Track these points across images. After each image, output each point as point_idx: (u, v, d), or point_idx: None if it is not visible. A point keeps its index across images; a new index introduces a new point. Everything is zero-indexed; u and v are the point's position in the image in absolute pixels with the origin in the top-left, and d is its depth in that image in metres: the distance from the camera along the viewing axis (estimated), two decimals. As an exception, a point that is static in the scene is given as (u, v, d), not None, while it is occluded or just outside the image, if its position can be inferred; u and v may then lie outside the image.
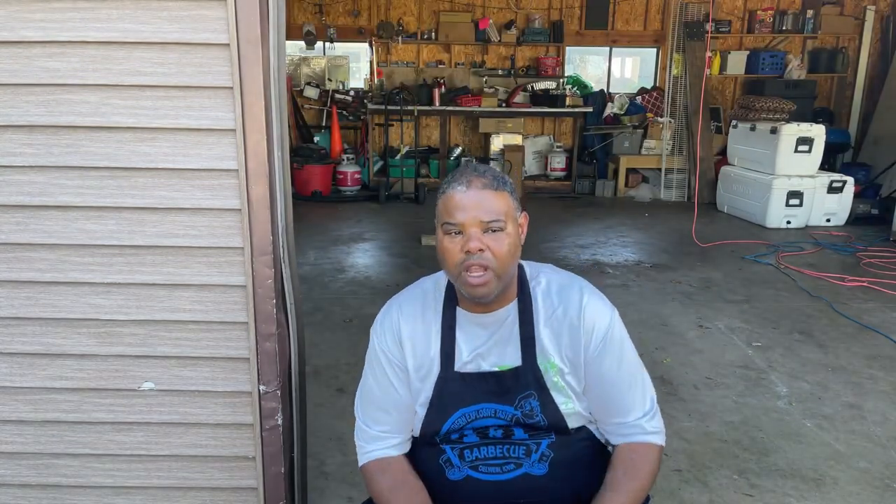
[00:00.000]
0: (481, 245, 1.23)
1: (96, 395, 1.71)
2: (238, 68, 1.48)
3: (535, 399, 1.29)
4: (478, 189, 1.24)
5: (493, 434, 1.31)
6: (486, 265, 1.23)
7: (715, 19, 7.82)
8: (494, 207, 1.24)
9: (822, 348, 3.54)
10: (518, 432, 1.30)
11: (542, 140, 8.22)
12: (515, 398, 1.29)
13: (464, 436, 1.31)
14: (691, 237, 5.63)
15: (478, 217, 1.23)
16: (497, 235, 1.24)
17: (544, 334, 1.31)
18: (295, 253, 1.73)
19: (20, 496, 1.79)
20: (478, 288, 1.24)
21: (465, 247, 1.23)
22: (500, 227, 1.24)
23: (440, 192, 1.30)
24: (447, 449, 1.32)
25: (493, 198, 1.25)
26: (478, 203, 1.23)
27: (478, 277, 1.23)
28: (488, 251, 1.23)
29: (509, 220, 1.26)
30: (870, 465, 2.48)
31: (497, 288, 1.26)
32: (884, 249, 5.47)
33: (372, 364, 1.39)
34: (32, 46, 1.49)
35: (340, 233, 5.87)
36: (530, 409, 1.29)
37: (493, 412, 1.30)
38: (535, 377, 1.30)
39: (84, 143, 1.54)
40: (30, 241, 1.60)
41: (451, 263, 1.26)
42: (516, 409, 1.29)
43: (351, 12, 8.01)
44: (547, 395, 1.29)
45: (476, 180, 1.25)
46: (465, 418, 1.31)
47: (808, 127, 6.20)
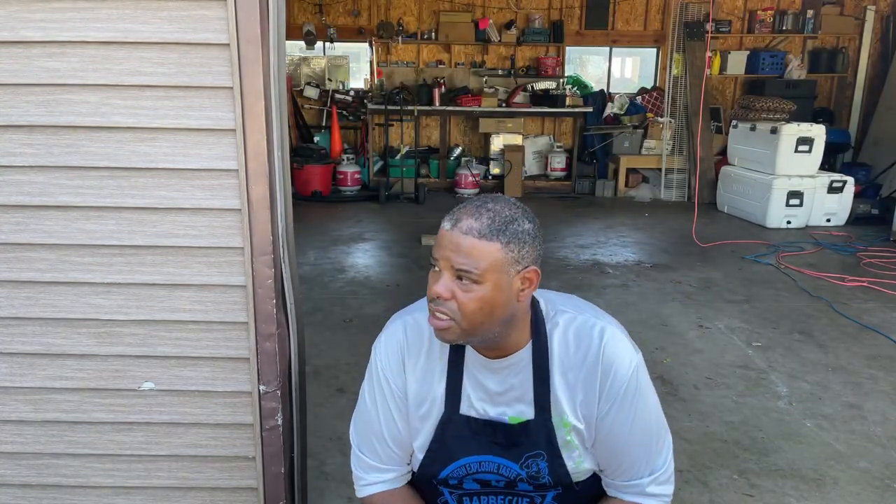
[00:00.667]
0: (445, 292, 1.11)
1: (96, 395, 1.71)
2: (238, 68, 1.48)
3: (543, 460, 1.20)
4: (460, 232, 1.11)
5: (495, 484, 1.24)
6: (449, 314, 1.11)
7: (715, 19, 7.82)
8: (472, 256, 1.09)
9: (823, 348, 3.54)
10: (522, 484, 1.23)
11: (542, 140, 8.22)
12: (522, 455, 1.20)
13: (463, 482, 1.25)
14: (691, 237, 5.63)
15: (450, 259, 1.11)
16: (467, 287, 1.10)
17: (559, 386, 1.20)
18: (295, 253, 1.73)
19: (20, 496, 1.79)
20: (437, 332, 1.14)
21: (430, 290, 1.13)
22: (472, 279, 1.09)
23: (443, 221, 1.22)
24: (445, 492, 1.26)
25: (476, 246, 1.09)
26: (455, 246, 1.10)
27: (438, 321, 1.13)
28: (454, 301, 1.11)
29: (491, 274, 1.10)
30: (870, 466, 2.48)
31: (463, 338, 1.14)
32: (884, 249, 5.47)
33: (372, 385, 1.29)
34: (32, 46, 1.49)
35: (340, 233, 5.87)
36: (537, 471, 1.20)
37: (497, 467, 1.22)
38: (547, 435, 1.19)
39: (84, 143, 1.54)
40: (30, 241, 1.60)
41: (427, 298, 1.16)
42: (521, 467, 1.20)
43: (351, 12, 8.01)
44: (556, 455, 1.20)
45: (466, 221, 1.11)
46: (465, 469, 1.22)
47: (809, 127, 6.20)
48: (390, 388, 1.25)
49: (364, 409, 1.30)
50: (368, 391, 1.30)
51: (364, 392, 1.31)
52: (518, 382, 1.20)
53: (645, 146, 7.71)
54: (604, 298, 4.25)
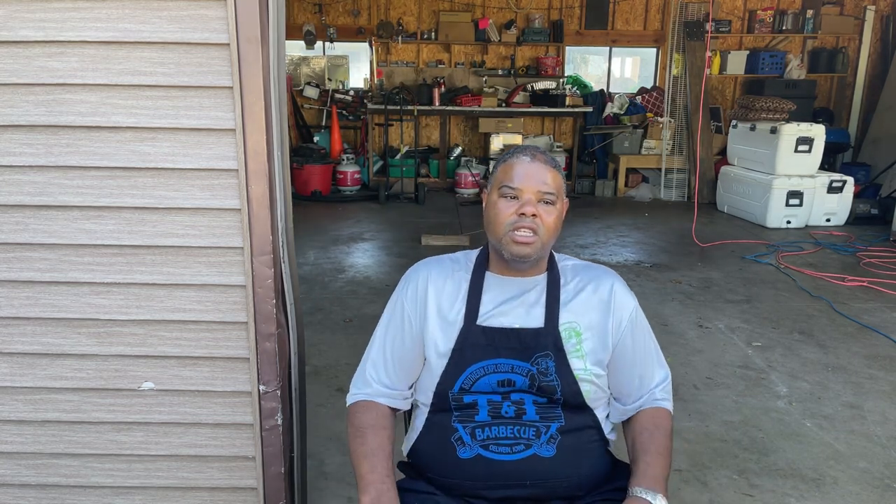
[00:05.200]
0: (535, 211, 1.32)
1: (96, 394, 1.71)
2: (238, 68, 1.48)
3: (551, 360, 1.34)
4: (541, 163, 1.36)
5: (504, 411, 1.35)
6: (535, 229, 1.32)
7: (715, 19, 7.82)
8: (551, 182, 1.35)
9: (822, 348, 3.54)
10: (530, 412, 1.34)
11: (542, 140, 8.22)
12: (533, 356, 1.34)
13: (476, 411, 1.35)
14: (691, 237, 5.63)
15: (537, 187, 1.33)
16: (549, 208, 1.34)
17: (571, 303, 1.39)
18: (295, 253, 1.73)
19: (20, 496, 1.79)
20: (523, 246, 1.32)
21: (520, 210, 1.32)
22: (552, 200, 1.34)
23: (502, 160, 1.41)
24: (459, 427, 1.35)
25: (552, 174, 1.36)
26: (539, 174, 1.34)
27: (525, 236, 1.32)
28: (539, 219, 1.33)
29: (560, 198, 1.37)
30: (870, 465, 2.48)
31: (538, 253, 1.34)
32: (884, 249, 5.47)
33: (390, 311, 1.46)
34: (32, 46, 1.49)
35: (340, 233, 5.87)
36: (546, 368, 1.34)
37: (511, 367, 1.35)
38: (555, 341, 1.35)
39: (84, 142, 1.54)
40: (29, 241, 1.60)
41: (500, 223, 1.34)
42: (532, 364, 1.34)
43: (351, 12, 8.01)
44: (563, 358, 1.35)
45: (540, 155, 1.38)
46: (482, 370, 1.35)
47: (808, 127, 6.20)
48: (404, 311, 1.42)
49: (379, 329, 1.46)
50: (387, 314, 1.46)
51: (383, 317, 1.46)
52: (533, 298, 1.39)
53: (645, 146, 7.71)
54: (604, 298, 4.24)
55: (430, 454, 1.39)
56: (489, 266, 1.42)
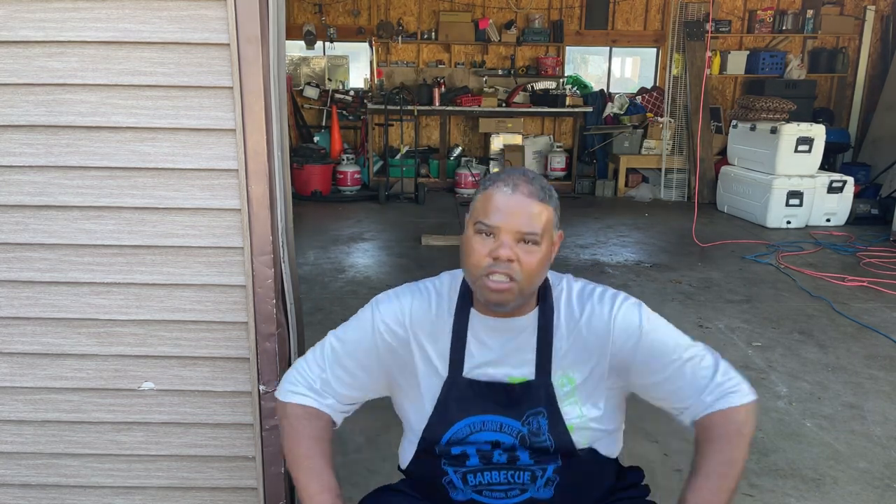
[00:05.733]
0: (512, 255, 1.15)
1: (96, 395, 1.70)
2: (238, 68, 1.48)
3: (543, 417, 1.23)
4: (523, 196, 1.17)
5: (497, 459, 1.25)
6: (512, 276, 1.16)
7: (715, 19, 7.82)
8: (535, 219, 1.17)
9: (822, 348, 3.54)
10: (523, 457, 1.25)
11: (542, 140, 8.22)
12: (524, 413, 1.23)
13: (466, 457, 1.26)
14: (691, 237, 5.63)
15: (516, 225, 1.16)
16: (530, 249, 1.17)
17: (564, 345, 1.25)
18: (295, 253, 1.73)
19: (20, 496, 1.79)
20: (496, 294, 1.17)
21: (495, 252, 1.16)
22: (535, 240, 1.17)
23: (481, 187, 1.22)
24: (450, 471, 1.27)
25: (537, 209, 1.17)
26: (520, 210, 1.16)
27: (499, 283, 1.16)
28: (517, 263, 1.16)
29: (545, 236, 1.19)
30: (870, 466, 2.48)
31: (516, 300, 1.19)
32: (884, 249, 5.47)
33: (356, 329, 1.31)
34: (32, 46, 1.49)
35: (340, 233, 5.87)
36: (537, 427, 1.23)
37: (499, 426, 1.24)
38: (547, 393, 1.23)
39: (84, 142, 1.54)
40: (29, 241, 1.60)
41: (474, 264, 1.18)
42: (524, 424, 1.23)
43: (351, 12, 8.01)
44: (556, 412, 1.23)
45: (524, 186, 1.18)
46: (469, 428, 1.25)
47: (808, 127, 6.20)
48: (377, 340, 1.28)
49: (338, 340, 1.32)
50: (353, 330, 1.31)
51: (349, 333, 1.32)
52: (523, 343, 1.25)
53: (645, 146, 7.71)
54: (604, 298, 4.25)
55: (422, 489, 1.33)
56: (474, 301, 1.27)
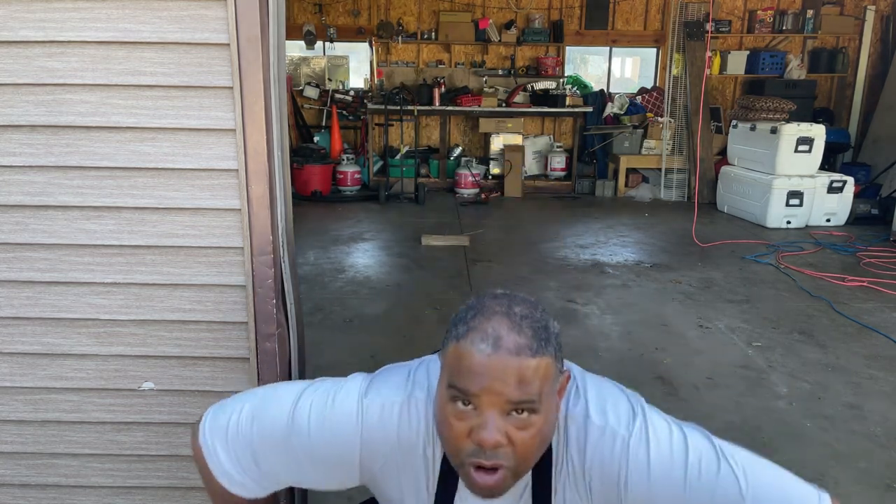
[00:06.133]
0: (501, 438, 0.86)
1: (96, 395, 1.70)
2: (238, 68, 1.48)
3: None
4: (509, 353, 0.86)
5: None
6: (502, 464, 0.88)
7: (715, 19, 7.82)
8: (529, 382, 0.86)
9: (823, 348, 3.54)
10: None
11: (542, 140, 8.22)
12: None
13: None
14: (691, 237, 5.63)
15: (503, 394, 0.85)
16: (526, 422, 0.87)
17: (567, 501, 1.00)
18: (295, 253, 1.73)
19: (20, 496, 1.79)
20: (484, 490, 0.90)
21: (477, 436, 0.87)
22: (532, 408, 0.87)
23: (453, 332, 0.91)
24: None
25: (530, 367, 0.86)
26: (505, 373, 0.85)
27: (487, 477, 0.88)
28: (509, 446, 0.88)
29: (546, 398, 0.88)
30: (870, 466, 2.48)
31: (510, 486, 0.92)
32: (884, 249, 5.47)
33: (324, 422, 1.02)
34: (32, 46, 1.49)
35: (340, 233, 5.87)
36: None
37: None
38: None
39: (84, 142, 1.54)
40: (30, 241, 1.60)
41: (452, 447, 0.90)
42: None
43: (351, 12, 8.01)
44: None
45: (509, 337, 0.86)
46: None
47: (808, 127, 6.21)
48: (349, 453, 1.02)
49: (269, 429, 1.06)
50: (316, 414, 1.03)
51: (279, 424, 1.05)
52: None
53: (645, 146, 7.71)
54: (604, 298, 4.25)
55: None
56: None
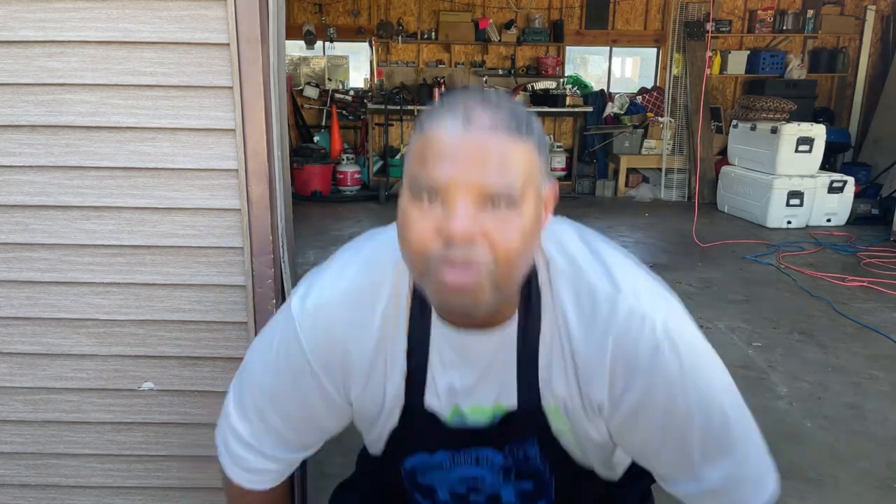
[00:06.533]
0: (473, 228, 0.71)
1: (96, 395, 1.70)
2: (238, 68, 1.48)
3: (533, 444, 0.89)
4: (484, 130, 0.71)
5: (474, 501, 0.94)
6: (477, 264, 0.72)
7: (715, 19, 7.82)
8: (508, 166, 0.71)
9: (823, 348, 3.54)
10: (507, 497, 0.93)
11: (543, 140, 8.21)
12: (505, 445, 0.90)
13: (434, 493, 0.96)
14: (692, 237, 5.63)
15: (477, 180, 0.70)
16: (505, 216, 0.72)
17: (556, 367, 0.86)
18: (295, 253, 1.73)
19: (19, 496, 1.79)
20: (457, 295, 0.74)
21: (446, 229, 0.71)
22: (512, 200, 0.72)
23: (418, 125, 0.76)
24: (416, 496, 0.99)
25: (510, 148, 0.72)
26: (479, 154, 0.70)
27: (459, 274, 0.72)
28: (485, 242, 0.72)
29: (529, 191, 0.74)
30: (870, 466, 2.48)
31: (490, 302, 0.76)
32: (884, 249, 5.47)
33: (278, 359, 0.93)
34: (32, 46, 1.49)
35: (340, 233, 5.87)
36: (524, 458, 0.90)
37: (475, 459, 0.91)
38: (537, 424, 0.88)
39: (84, 142, 1.54)
40: (29, 241, 1.60)
41: (415, 250, 0.74)
42: (507, 455, 0.90)
43: (351, 12, 8.01)
44: (552, 441, 0.89)
45: (484, 114, 0.72)
46: (438, 465, 0.93)
47: (809, 127, 6.20)
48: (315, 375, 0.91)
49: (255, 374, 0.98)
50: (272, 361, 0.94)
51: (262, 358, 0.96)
52: (503, 362, 0.87)
53: (645, 146, 7.71)
54: (604, 298, 4.24)
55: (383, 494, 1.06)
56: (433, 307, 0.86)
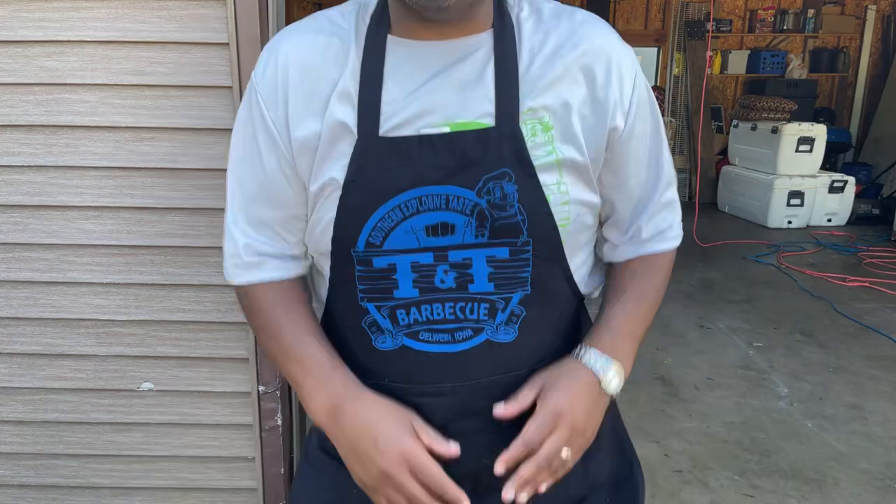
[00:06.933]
0: None
1: (95, 395, 1.70)
2: (237, 68, 1.47)
3: (510, 182, 0.82)
4: None
5: (440, 281, 0.85)
6: None
7: (716, 18, 7.82)
8: None
9: (824, 349, 3.54)
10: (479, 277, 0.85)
11: (543, 139, 8.22)
12: (481, 177, 0.81)
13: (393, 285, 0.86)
14: (692, 237, 5.63)
15: None
16: None
17: (536, 75, 0.82)
18: (294, 253, 1.72)
19: (19, 496, 1.79)
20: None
21: None
22: None
23: None
24: (371, 308, 0.88)
25: None
26: None
27: None
28: None
29: None
30: (871, 466, 2.48)
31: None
32: (885, 249, 5.47)
33: (245, 129, 0.88)
34: (31, 46, 1.48)
35: (341, 232, 5.87)
36: (502, 197, 0.82)
37: (444, 201, 0.82)
38: (515, 148, 0.81)
39: (83, 142, 1.53)
40: (28, 241, 1.59)
41: None
42: (480, 195, 0.82)
43: (351, 11, 8.01)
44: (530, 174, 0.82)
45: None
46: (400, 212, 0.82)
47: (810, 126, 6.20)
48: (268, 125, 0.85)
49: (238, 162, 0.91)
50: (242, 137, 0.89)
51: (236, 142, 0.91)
52: (471, 74, 0.82)
53: (645, 146, 7.70)
54: (604, 298, 4.25)
55: (339, 341, 0.93)
56: (391, 26, 0.83)
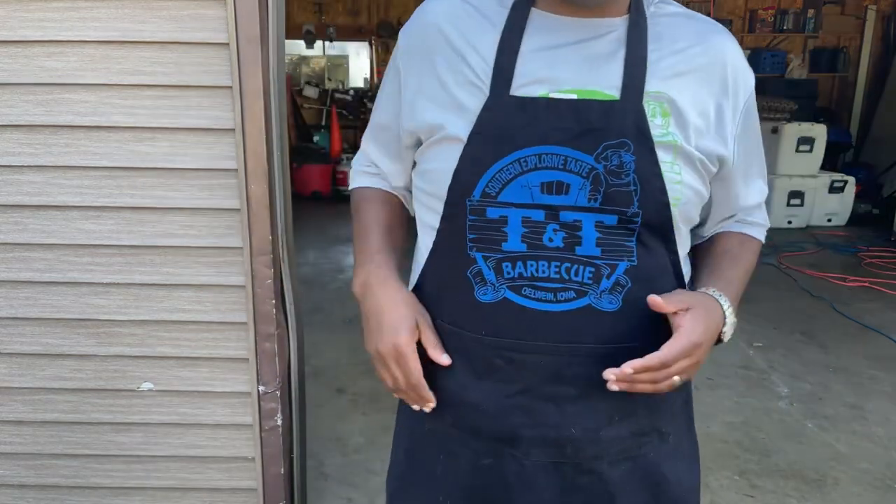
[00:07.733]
0: None
1: (95, 395, 1.70)
2: (237, 68, 1.47)
3: (628, 152, 0.84)
4: None
5: (548, 239, 0.87)
6: None
7: (716, 18, 7.81)
8: None
9: (824, 349, 3.54)
10: (588, 240, 0.87)
11: (543, 140, 8.21)
12: (600, 144, 0.84)
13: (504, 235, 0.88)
14: (692, 237, 5.62)
15: None
16: None
17: (664, 63, 0.88)
18: (295, 253, 1.72)
19: (18, 497, 1.79)
20: None
21: None
22: None
23: None
24: (478, 258, 0.90)
25: None
26: None
27: None
28: None
29: None
30: (871, 466, 2.48)
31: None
32: (885, 249, 5.46)
33: (389, 70, 1.05)
34: (31, 46, 1.48)
35: (340, 233, 5.87)
36: (619, 165, 0.84)
37: (563, 161, 0.85)
38: (637, 121, 0.84)
39: (83, 142, 1.53)
40: (28, 241, 1.59)
41: None
42: (598, 160, 0.84)
43: (351, 11, 8.01)
44: (648, 149, 0.85)
45: None
46: (519, 166, 0.86)
47: (810, 126, 6.20)
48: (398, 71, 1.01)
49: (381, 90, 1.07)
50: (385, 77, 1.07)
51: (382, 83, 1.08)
52: (604, 50, 0.88)
53: (645, 146, 7.70)
54: (604, 298, 4.25)
55: (438, 292, 0.98)
56: (537, 1, 0.90)
